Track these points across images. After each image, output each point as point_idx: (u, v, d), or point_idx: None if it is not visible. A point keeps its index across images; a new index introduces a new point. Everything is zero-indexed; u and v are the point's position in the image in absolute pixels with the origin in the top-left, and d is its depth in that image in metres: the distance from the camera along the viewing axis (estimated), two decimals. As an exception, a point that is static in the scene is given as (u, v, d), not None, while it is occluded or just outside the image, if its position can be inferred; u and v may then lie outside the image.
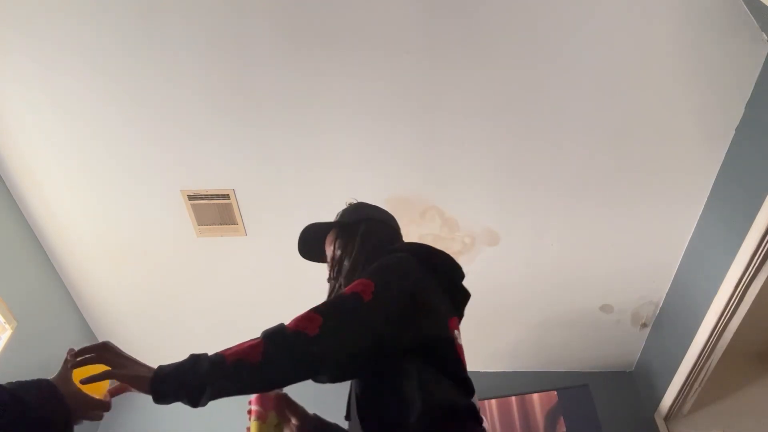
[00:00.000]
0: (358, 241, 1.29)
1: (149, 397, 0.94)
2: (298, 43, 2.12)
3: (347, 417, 1.15)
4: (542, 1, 2.01)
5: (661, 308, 2.93)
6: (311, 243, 1.46)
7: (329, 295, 1.32)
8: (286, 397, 1.22)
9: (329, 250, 1.37)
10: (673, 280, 2.79)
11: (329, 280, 1.33)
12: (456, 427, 0.96)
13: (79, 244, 2.78)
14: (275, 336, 0.95)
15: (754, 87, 2.12)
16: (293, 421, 1.23)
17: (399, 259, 1.13)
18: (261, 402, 1.19)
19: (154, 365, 0.98)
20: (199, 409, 1.02)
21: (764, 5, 1.63)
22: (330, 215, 2.79)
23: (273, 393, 1.21)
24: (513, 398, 3.01)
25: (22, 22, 2.09)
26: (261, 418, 1.17)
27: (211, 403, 0.96)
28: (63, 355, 1.01)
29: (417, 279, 1.10)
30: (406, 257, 1.15)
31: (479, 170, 2.47)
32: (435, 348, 1.04)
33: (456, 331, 1.13)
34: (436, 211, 2.61)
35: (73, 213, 2.66)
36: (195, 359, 0.97)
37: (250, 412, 1.19)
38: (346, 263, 1.27)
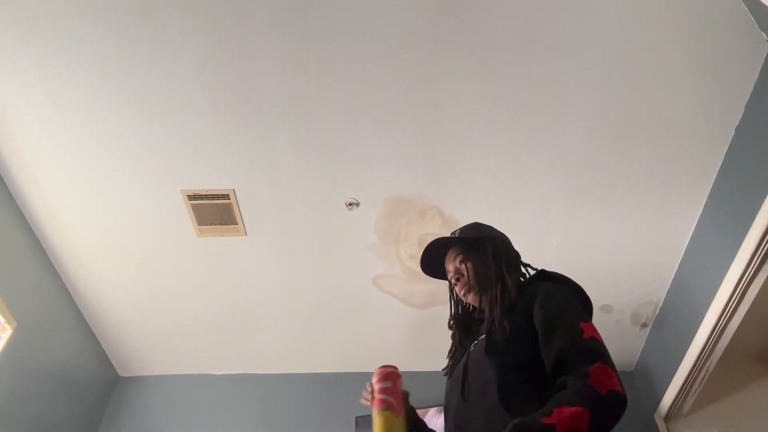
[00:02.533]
0: (491, 257, 1.37)
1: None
2: (298, 43, 2.12)
3: (465, 398, 1.23)
4: (543, 2, 2.01)
5: (661, 308, 2.93)
6: (431, 259, 1.49)
7: (459, 312, 1.47)
8: (407, 393, 1.28)
9: (452, 265, 1.43)
10: (673, 280, 2.79)
11: (458, 295, 1.42)
12: None
13: (80, 244, 2.78)
14: (596, 402, 0.97)
15: (754, 87, 2.12)
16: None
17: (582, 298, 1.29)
18: (394, 395, 1.17)
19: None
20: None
21: (764, 5, 1.63)
22: (329, 215, 2.81)
23: (404, 390, 1.21)
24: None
25: (23, 23, 2.09)
26: (396, 411, 1.14)
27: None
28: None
29: None
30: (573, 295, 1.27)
31: (479, 170, 2.47)
32: None
33: None
34: (436, 211, 2.61)
35: (73, 213, 2.66)
36: (523, 430, 0.97)
37: (380, 401, 1.15)
38: (485, 277, 1.35)
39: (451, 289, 1.47)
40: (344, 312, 3.07)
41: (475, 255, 1.39)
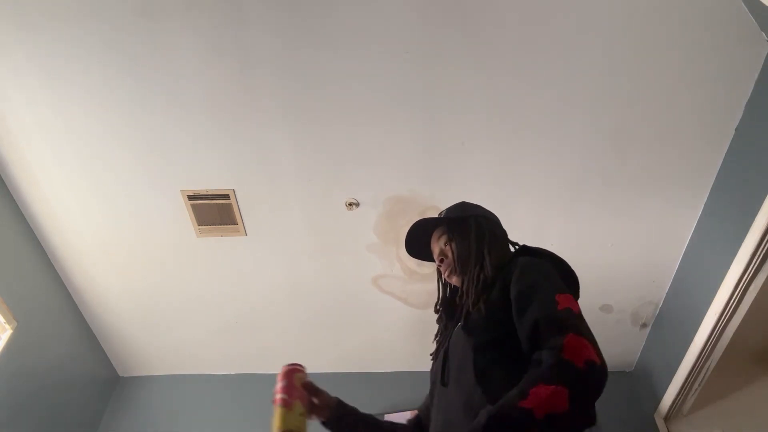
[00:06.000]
0: (473, 237, 1.33)
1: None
2: (298, 43, 2.12)
3: (444, 383, 1.20)
4: (542, 2, 2.01)
5: (661, 308, 2.93)
6: (416, 240, 1.46)
7: (446, 294, 1.43)
8: (311, 384, 1.25)
9: (437, 246, 1.40)
10: (673, 280, 2.79)
11: (446, 276, 1.37)
12: None
13: (79, 244, 2.78)
14: (574, 378, 0.92)
15: (754, 87, 2.12)
16: (315, 401, 1.27)
17: (566, 271, 1.24)
18: (287, 390, 1.19)
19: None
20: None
21: (764, 5, 1.63)
22: (329, 215, 2.81)
23: (299, 382, 1.22)
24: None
25: (23, 23, 2.09)
26: (287, 405, 1.16)
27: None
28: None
29: None
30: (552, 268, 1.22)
31: (479, 170, 2.47)
32: None
33: None
34: (436, 211, 2.61)
35: (73, 213, 2.66)
36: (499, 419, 0.92)
37: (275, 400, 1.19)
38: (466, 258, 1.31)
39: (440, 271, 1.43)
40: (344, 312, 3.07)
41: (458, 236, 1.35)
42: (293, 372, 1.23)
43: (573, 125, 2.31)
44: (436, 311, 1.44)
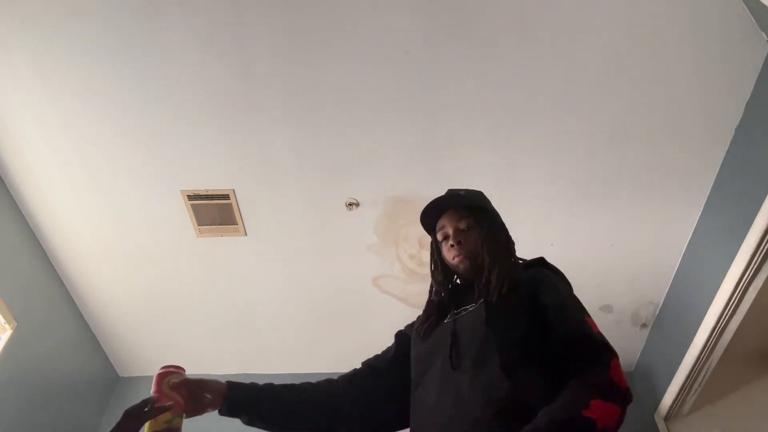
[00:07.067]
0: (502, 231, 1.38)
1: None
2: (299, 42, 2.13)
3: (453, 366, 1.17)
4: (542, 3, 2.01)
5: (661, 308, 2.93)
6: (431, 211, 1.41)
7: (443, 274, 1.38)
8: (188, 382, 1.18)
9: (452, 226, 1.34)
10: (673, 280, 2.79)
11: (458, 259, 1.32)
12: None
13: (79, 244, 2.78)
14: (622, 398, 1.02)
15: (754, 87, 2.12)
16: (208, 396, 1.22)
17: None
18: (158, 399, 1.14)
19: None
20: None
21: (764, 5, 1.63)
22: (329, 215, 2.81)
23: (168, 385, 1.15)
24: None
25: (22, 22, 2.09)
26: (153, 415, 1.12)
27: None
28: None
29: None
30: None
31: (479, 170, 2.47)
32: None
33: None
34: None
35: (73, 213, 2.66)
36: (564, 423, 0.97)
37: None
38: (495, 250, 1.32)
39: (435, 248, 1.40)
40: (344, 312, 3.07)
41: (487, 225, 1.34)
42: (162, 376, 1.17)
43: (573, 126, 2.31)
44: (431, 289, 1.41)
